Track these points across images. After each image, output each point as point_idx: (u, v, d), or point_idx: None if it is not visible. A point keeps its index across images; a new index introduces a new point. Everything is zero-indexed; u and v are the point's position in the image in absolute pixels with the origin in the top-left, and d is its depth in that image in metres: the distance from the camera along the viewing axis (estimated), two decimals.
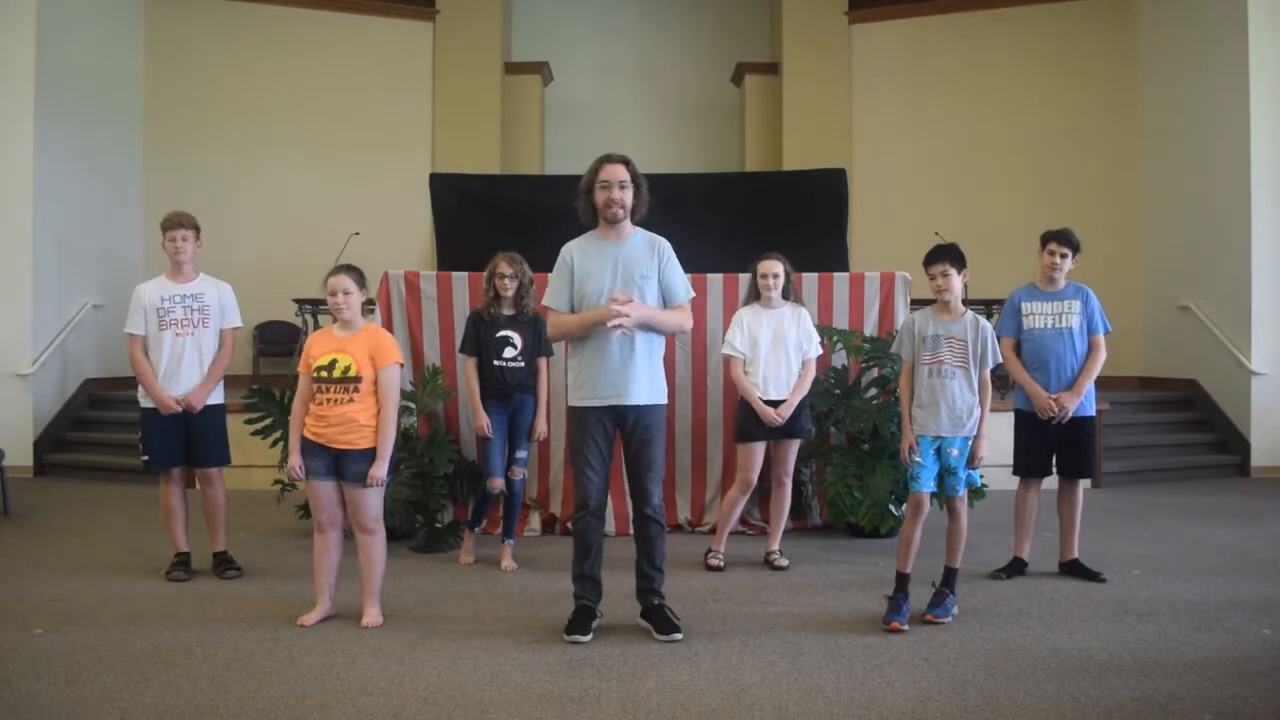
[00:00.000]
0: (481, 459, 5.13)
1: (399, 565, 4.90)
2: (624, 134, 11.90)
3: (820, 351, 5.12)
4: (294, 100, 10.89)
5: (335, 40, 11.02)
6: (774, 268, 4.97)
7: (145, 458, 4.82)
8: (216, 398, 4.89)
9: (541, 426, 5.10)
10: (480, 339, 5.01)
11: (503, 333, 4.98)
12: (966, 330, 4.09)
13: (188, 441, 4.81)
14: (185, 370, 4.78)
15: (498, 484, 4.99)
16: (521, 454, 5.08)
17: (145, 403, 4.80)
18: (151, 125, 10.49)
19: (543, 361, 5.10)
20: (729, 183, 9.10)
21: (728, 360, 5.07)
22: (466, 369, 5.06)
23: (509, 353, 4.97)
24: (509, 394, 5.00)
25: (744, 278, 5.63)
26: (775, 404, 4.88)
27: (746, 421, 4.96)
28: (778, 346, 4.93)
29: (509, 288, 4.98)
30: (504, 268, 4.99)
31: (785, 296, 5.03)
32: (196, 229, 4.87)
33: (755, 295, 5.05)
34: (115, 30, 10.08)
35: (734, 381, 5.02)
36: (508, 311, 5.02)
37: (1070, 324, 4.74)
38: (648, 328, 3.82)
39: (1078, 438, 4.79)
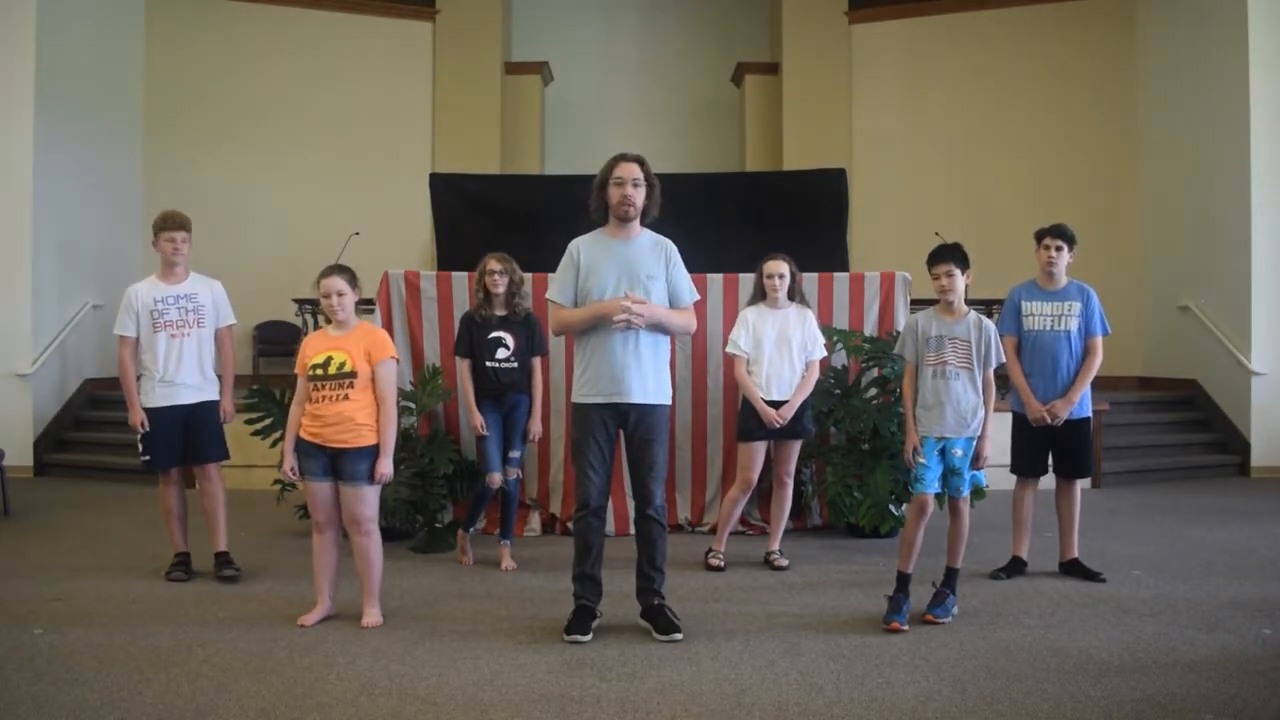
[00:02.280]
0: (480, 457, 5.14)
1: (399, 565, 4.90)
2: (624, 134, 11.90)
3: (825, 354, 5.12)
4: (294, 100, 10.88)
5: (335, 40, 11.02)
6: (780, 268, 4.97)
7: (146, 458, 4.81)
8: (212, 394, 4.89)
9: (536, 426, 5.11)
10: (473, 341, 5.02)
11: (495, 334, 5.00)
12: (970, 330, 4.09)
13: (186, 439, 4.81)
14: (184, 371, 4.77)
15: (496, 479, 5.01)
16: (515, 454, 5.09)
17: (146, 403, 4.79)
18: (151, 125, 10.49)
19: (538, 361, 5.11)
20: (729, 183, 9.08)
21: (731, 359, 5.07)
22: (462, 371, 5.08)
23: (502, 354, 4.99)
24: (502, 394, 5.03)
25: (745, 278, 5.62)
26: (777, 405, 4.88)
27: (748, 421, 4.96)
28: (782, 347, 4.93)
29: (499, 284, 4.99)
30: (494, 265, 5.01)
31: (790, 297, 5.04)
32: (189, 229, 4.86)
33: (761, 295, 5.04)
34: (115, 30, 10.07)
35: (737, 380, 5.03)
36: (499, 312, 5.04)
37: (1069, 326, 4.72)
38: (656, 328, 3.84)
39: (1073, 439, 4.78)
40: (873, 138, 11.29)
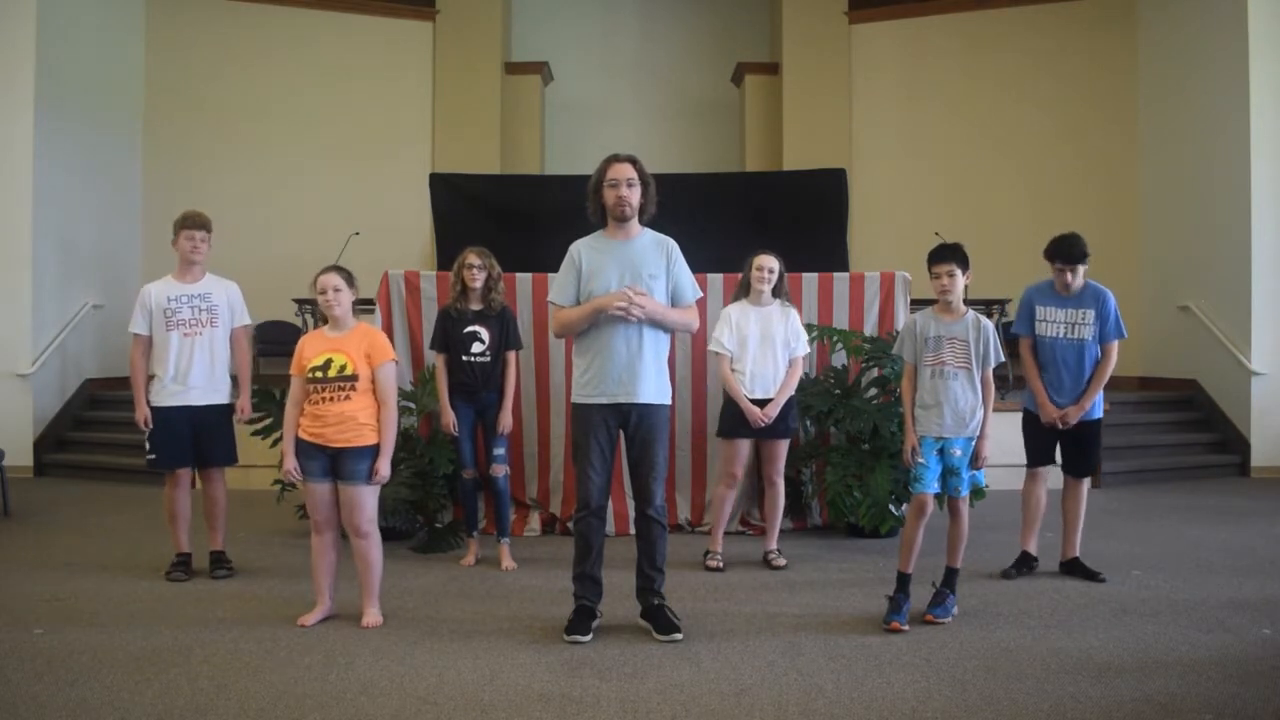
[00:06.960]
0: (455, 453, 5.17)
1: (399, 565, 4.90)
2: (624, 134, 11.89)
3: (808, 350, 5.11)
4: (294, 100, 10.88)
5: (335, 40, 11.02)
6: (770, 262, 4.97)
7: (151, 457, 4.80)
8: (222, 397, 4.89)
9: (506, 420, 5.07)
10: (448, 335, 5.02)
11: (470, 328, 4.99)
12: (968, 330, 4.08)
13: (195, 441, 4.81)
14: (195, 371, 4.77)
15: (470, 472, 5.10)
16: (499, 451, 5.08)
17: (155, 401, 4.78)
18: (151, 125, 10.49)
19: (512, 355, 5.10)
20: (729, 183, 9.10)
21: (715, 357, 5.06)
22: (437, 366, 5.08)
23: (477, 348, 4.99)
24: (476, 390, 5.02)
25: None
26: (762, 403, 4.88)
27: (732, 419, 4.96)
28: (766, 345, 4.93)
29: (477, 278, 4.98)
30: (473, 259, 5.01)
31: (775, 294, 5.03)
32: (210, 229, 4.89)
33: (745, 291, 5.04)
34: (115, 30, 10.08)
35: (721, 379, 5.01)
36: (475, 306, 5.03)
37: (1083, 335, 4.69)
38: (655, 324, 3.83)
39: (1083, 439, 4.80)
40: (873, 138, 11.29)
